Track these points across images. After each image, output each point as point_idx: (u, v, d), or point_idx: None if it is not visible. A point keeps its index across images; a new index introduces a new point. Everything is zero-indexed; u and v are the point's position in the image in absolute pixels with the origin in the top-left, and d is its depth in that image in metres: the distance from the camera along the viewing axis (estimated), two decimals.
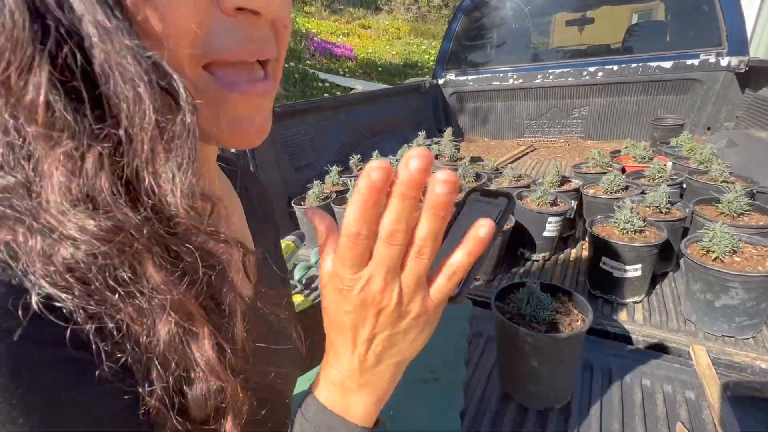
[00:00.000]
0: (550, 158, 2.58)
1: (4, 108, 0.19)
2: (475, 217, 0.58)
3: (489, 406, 0.77)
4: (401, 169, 0.22)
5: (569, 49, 2.94)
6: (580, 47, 2.91)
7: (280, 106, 1.72)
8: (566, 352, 0.69)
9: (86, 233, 0.20)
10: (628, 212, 1.01)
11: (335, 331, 0.29)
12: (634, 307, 1.04)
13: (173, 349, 0.24)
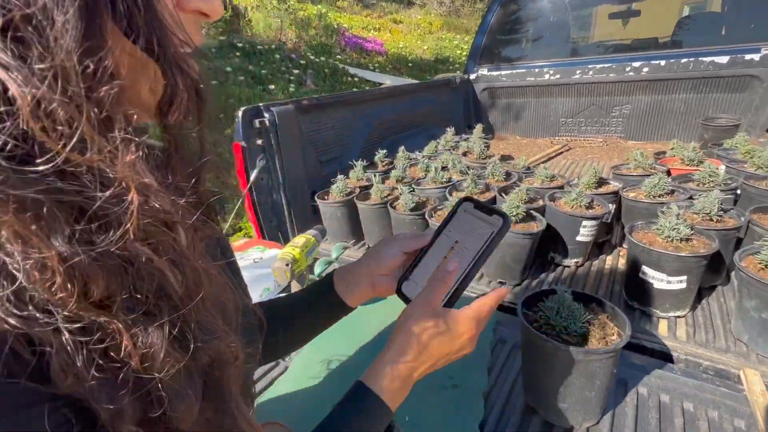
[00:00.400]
0: (586, 158, 2.45)
1: None
2: (466, 231, 0.54)
3: (511, 419, 0.73)
4: None
5: (612, 43, 2.77)
6: (623, 41, 2.74)
7: (307, 99, 1.71)
8: (600, 368, 0.64)
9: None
10: (674, 219, 0.92)
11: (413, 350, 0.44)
12: (676, 322, 0.96)
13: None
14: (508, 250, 1.10)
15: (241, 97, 5.04)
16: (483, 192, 1.39)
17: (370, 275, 0.55)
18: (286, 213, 1.60)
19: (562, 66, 2.74)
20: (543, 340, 0.65)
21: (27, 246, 0.19)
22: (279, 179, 1.57)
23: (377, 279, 0.55)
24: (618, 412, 0.73)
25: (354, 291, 0.56)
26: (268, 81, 5.86)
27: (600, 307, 0.74)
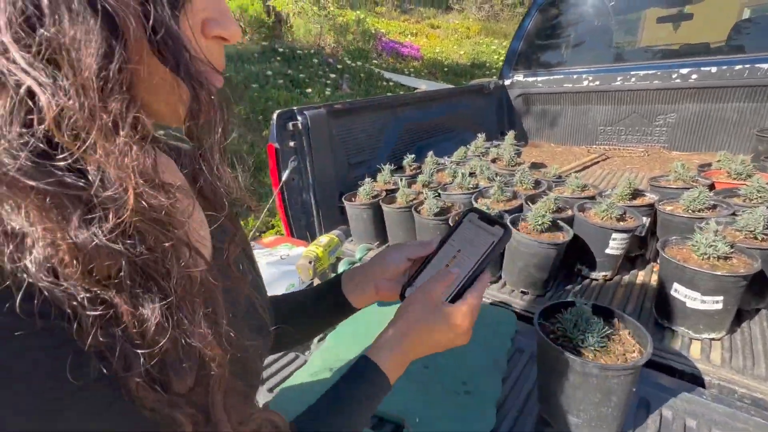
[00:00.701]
0: (624, 169, 2.35)
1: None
2: (469, 240, 0.56)
3: (523, 430, 0.72)
4: None
5: (658, 48, 2.64)
6: (671, 46, 2.60)
7: (340, 103, 1.76)
8: (617, 385, 0.62)
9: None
10: (712, 235, 0.87)
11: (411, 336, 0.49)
12: (711, 344, 0.90)
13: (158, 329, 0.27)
14: (532, 260, 1.09)
15: (279, 100, 5.22)
16: (510, 200, 1.37)
17: (375, 279, 0.58)
18: (315, 213, 1.65)
19: (602, 72, 2.64)
20: (558, 352, 0.64)
21: (42, 228, 0.23)
22: (309, 180, 1.62)
23: (381, 283, 0.58)
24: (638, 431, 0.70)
25: (359, 293, 0.59)
26: (305, 85, 6.04)
27: (622, 322, 0.72)
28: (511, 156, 1.83)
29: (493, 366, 0.85)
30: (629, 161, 2.50)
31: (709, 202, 1.14)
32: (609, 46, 2.74)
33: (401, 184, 1.49)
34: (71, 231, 0.24)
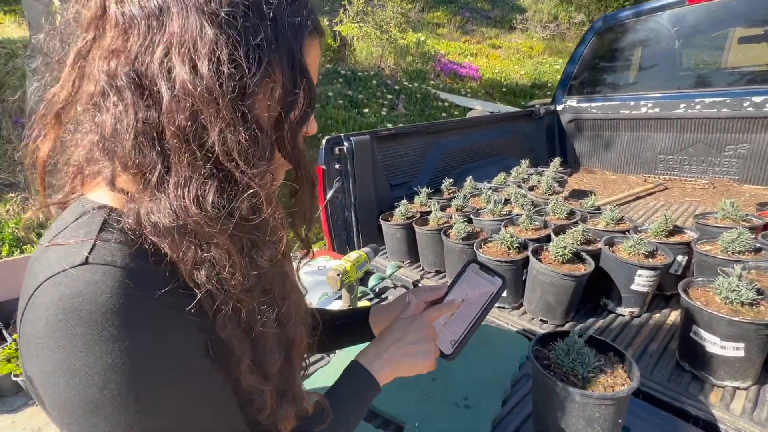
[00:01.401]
0: (683, 201, 2.21)
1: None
2: (471, 288, 0.67)
3: None
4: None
5: (727, 73, 2.46)
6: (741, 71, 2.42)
7: (383, 130, 1.91)
8: (599, 414, 0.66)
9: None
10: (736, 279, 0.86)
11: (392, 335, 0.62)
12: (735, 393, 0.87)
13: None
14: (550, 289, 1.12)
15: (338, 120, 5.57)
16: (539, 229, 1.40)
17: (394, 316, 0.69)
18: (355, 229, 1.80)
19: (663, 99, 2.52)
20: (544, 377, 0.69)
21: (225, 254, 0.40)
22: (351, 199, 1.78)
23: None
24: None
25: (381, 324, 0.73)
26: (363, 105, 6.36)
27: (618, 357, 0.74)
28: (550, 184, 1.84)
29: (496, 386, 0.90)
30: (690, 193, 2.34)
31: (752, 244, 1.08)
32: (671, 71, 2.61)
33: (434, 207, 1.59)
34: (240, 258, 0.41)
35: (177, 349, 0.39)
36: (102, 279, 0.35)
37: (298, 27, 0.41)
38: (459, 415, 0.83)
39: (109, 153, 0.39)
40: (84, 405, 0.35)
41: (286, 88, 0.41)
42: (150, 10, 0.37)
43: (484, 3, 16.43)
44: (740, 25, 2.44)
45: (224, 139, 0.38)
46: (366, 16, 8.78)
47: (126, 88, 0.37)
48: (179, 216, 0.38)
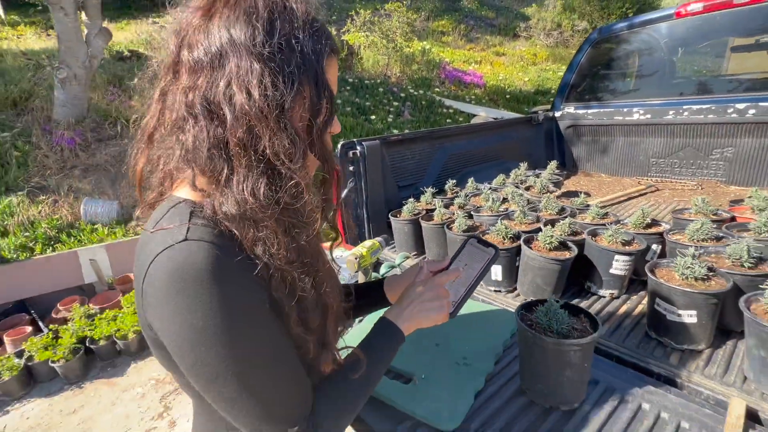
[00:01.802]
0: (672, 201, 2.36)
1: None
2: (471, 258, 0.84)
3: (503, 395, 0.94)
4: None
5: (713, 82, 2.62)
6: (725, 80, 2.58)
7: (393, 136, 2.10)
8: (569, 358, 0.83)
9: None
10: (690, 259, 1.03)
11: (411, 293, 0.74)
12: (691, 354, 1.03)
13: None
14: (539, 272, 1.29)
15: (346, 126, 5.79)
16: (532, 223, 1.57)
17: (407, 284, 0.82)
18: (366, 225, 1.98)
19: (653, 106, 2.69)
20: (526, 331, 0.86)
21: (274, 234, 0.52)
22: (363, 198, 1.97)
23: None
24: (597, 406, 0.88)
25: (394, 292, 0.87)
26: (370, 112, 6.58)
27: (588, 318, 0.91)
28: (544, 184, 2.01)
29: (490, 349, 1.08)
30: (680, 194, 2.49)
31: (714, 233, 1.25)
32: (661, 80, 2.78)
33: (439, 204, 1.76)
34: (285, 237, 0.53)
35: (253, 299, 0.51)
36: (197, 251, 0.48)
37: (319, 52, 0.53)
38: (458, 371, 1.00)
39: (190, 162, 0.53)
40: (191, 339, 0.48)
41: (313, 100, 0.53)
42: (212, 54, 0.50)
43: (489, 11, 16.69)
44: (723, 38, 2.61)
45: (273, 144, 0.50)
46: (372, 25, 9.03)
47: (200, 114, 0.50)
48: (240, 205, 0.50)
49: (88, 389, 2.59)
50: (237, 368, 0.50)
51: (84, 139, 4.58)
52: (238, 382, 0.50)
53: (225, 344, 0.49)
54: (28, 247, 3.28)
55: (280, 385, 0.54)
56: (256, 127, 0.50)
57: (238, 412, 0.52)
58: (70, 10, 4.33)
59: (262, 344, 0.53)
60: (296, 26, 0.52)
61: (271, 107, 0.49)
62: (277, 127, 0.50)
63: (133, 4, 13.98)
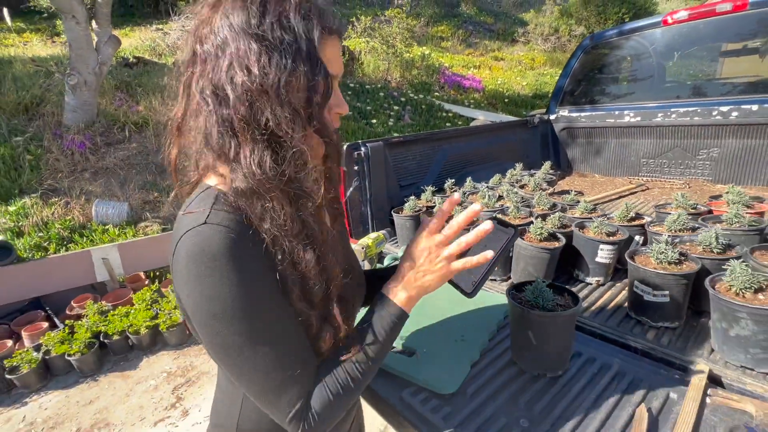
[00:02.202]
0: (660, 199, 2.48)
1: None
2: (489, 239, 0.91)
3: (495, 365, 1.05)
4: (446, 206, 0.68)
5: (698, 86, 2.75)
6: (710, 84, 2.71)
7: (395, 138, 2.22)
8: (552, 329, 0.94)
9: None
10: (663, 245, 1.14)
11: (408, 260, 0.67)
12: (665, 331, 1.15)
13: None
14: (530, 261, 1.40)
15: (347, 130, 5.93)
16: (525, 217, 1.69)
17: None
18: (370, 221, 2.10)
19: (643, 109, 2.82)
20: (515, 306, 0.98)
21: (279, 205, 0.55)
22: (367, 196, 2.09)
23: None
24: (579, 374, 0.99)
25: None
26: (371, 116, 6.72)
27: (570, 295, 1.03)
28: (537, 183, 2.13)
29: (486, 328, 1.19)
30: (669, 192, 2.61)
31: (690, 224, 1.37)
32: (649, 84, 2.91)
33: (438, 202, 1.88)
34: (290, 208, 0.56)
35: (263, 278, 0.56)
36: (215, 233, 0.53)
37: (310, 31, 0.55)
38: (456, 346, 1.12)
39: (207, 145, 0.56)
40: (206, 312, 0.53)
41: (308, 77, 0.54)
42: (217, 43, 0.54)
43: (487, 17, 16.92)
44: (708, 44, 2.74)
45: (275, 116, 0.53)
46: (373, 31, 9.21)
47: (209, 97, 0.54)
48: (249, 179, 0.54)
49: (102, 382, 2.70)
50: (245, 342, 0.55)
51: (94, 143, 4.72)
52: (246, 355, 0.55)
53: (234, 319, 0.53)
54: (42, 247, 3.40)
55: (284, 362, 0.57)
56: (257, 101, 0.53)
57: (247, 383, 0.58)
58: (81, 19, 4.48)
59: (269, 322, 0.56)
60: (287, 8, 0.55)
61: (270, 82, 0.52)
62: (277, 100, 0.53)
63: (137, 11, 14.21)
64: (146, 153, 4.89)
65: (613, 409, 0.88)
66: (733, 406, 0.85)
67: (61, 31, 10.71)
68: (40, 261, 3.18)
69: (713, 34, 2.61)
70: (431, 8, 15.13)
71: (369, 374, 0.64)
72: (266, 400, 0.58)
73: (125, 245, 3.41)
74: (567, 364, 1.01)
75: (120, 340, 2.88)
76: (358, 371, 0.62)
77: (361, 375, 0.62)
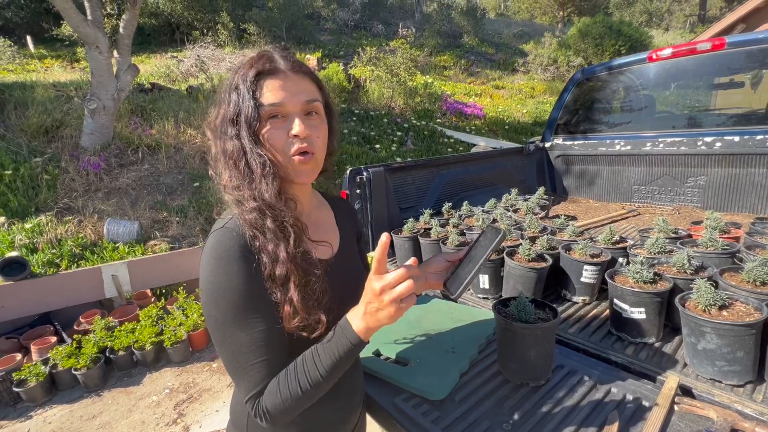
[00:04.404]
0: (650, 224, 2.57)
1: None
2: (482, 244, 1.01)
3: (483, 375, 1.13)
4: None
5: (684, 117, 2.90)
6: (695, 116, 2.86)
7: (396, 163, 2.37)
8: (533, 340, 1.03)
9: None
10: (638, 266, 1.24)
11: (366, 294, 0.67)
12: (643, 346, 1.23)
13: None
14: (519, 280, 1.50)
15: (351, 154, 6.13)
16: (516, 239, 1.80)
17: (425, 273, 0.88)
18: (371, 242, 2.21)
19: (632, 138, 2.96)
20: (500, 318, 1.07)
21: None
22: (369, 218, 2.20)
23: (430, 276, 0.88)
24: (560, 385, 1.07)
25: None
26: (375, 141, 6.95)
27: (550, 310, 1.12)
28: (530, 207, 2.24)
29: (475, 341, 1.28)
30: (658, 218, 2.71)
31: (668, 247, 1.47)
32: (638, 115, 3.07)
33: (435, 224, 2.00)
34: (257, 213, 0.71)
35: (255, 276, 0.69)
36: (226, 237, 0.70)
37: (245, 79, 0.72)
38: (447, 357, 1.20)
39: (216, 174, 0.77)
40: (206, 291, 0.69)
41: (238, 107, 0.72)
42: (225, 92, 0.75)
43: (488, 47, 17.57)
44: (690, 79, 2.92)
45: (223, 145, 0.73)
46: (378, 61, 9.61)
47: (216, 136, 0.76)
48: (228, 191, 0.73)
49: (106, 397, 2.75)
50: (225, 322, 0.69)
51: (108, 163, 4.92)
52: (224, 333, 0.69)
53: (222, 300, 0.68)
54: (54, 263, 3.52)
55: (251, 349, 0.69)
56: (217, 138, 0.75)
57: (223, 359, 0.71)
58: (104, 49, 4.78)
59: (247, 311, 0.69)
60: (244, 67, 0.75)
61: (218, 124, 0.75)
62: (221, 135, 0.74)
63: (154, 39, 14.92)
64: (158, 174, 5.08)
65: (588, 415, 0.96)
66: (697, 413, 0.92)
67: (81, 57, 11.26)
68: (52, 277, 3.29)
69: (695, 70, 2.78)
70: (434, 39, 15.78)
71: (319, 388, 0.68)
72: (234, 378, 0.71)
73: (134, 263, 3.53)
74: (549, 374, 1.09)
75: (125, 355, 2.95)
76: (308, 384, 0.67)
77: (311, 387, 0.67)
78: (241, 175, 0.72)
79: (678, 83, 2.91)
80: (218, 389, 2.79)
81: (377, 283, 0.64)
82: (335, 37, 16.62)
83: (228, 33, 13.84)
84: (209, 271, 0.69)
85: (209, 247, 0.71)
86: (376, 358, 1.25)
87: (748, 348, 0.99)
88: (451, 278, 0.85)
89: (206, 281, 0.69)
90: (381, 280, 0.64)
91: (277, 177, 0.74)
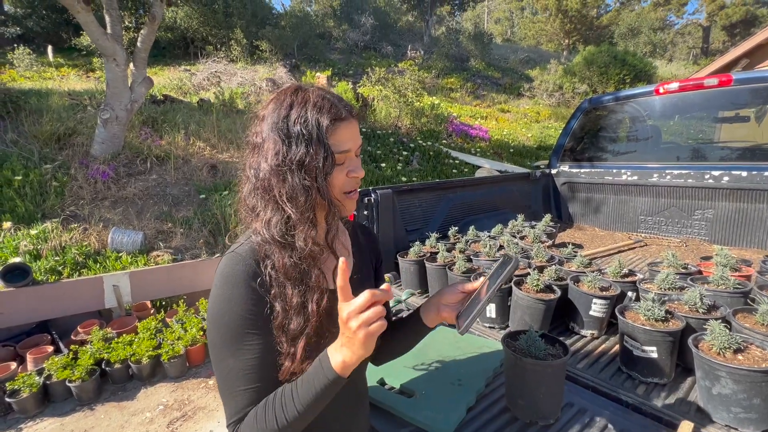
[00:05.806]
0: (657, 256, 2.56)
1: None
2: (492, 274, 0.98)
3: (491, 411, 1.10)
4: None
5: (692, 150, 2.92)
6: (703, 149, 2.87)
7: (403, 185, 2.38)
8: (543, 377, 1.01)
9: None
10: (650, 303, 1.22)
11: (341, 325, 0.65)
12: (655, 386, 1.20)
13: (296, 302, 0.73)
14: (527, 311, 1.48)
15: None
16: (524, 268, 1.78)
17: (438, 305, 0.87)
18: None
19: (639, 169, 2.97)
20: (509, 352, 1.05)
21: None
22: None
23: (443, 308, 0.86)
24: (571, 425, 1.04)
25: (428, 314, 0.89)
26: (381, 160, 7.00)
27: (561, 346, 1.10)
28: (537, 235, 2.24)
29: (482, 373, 1.25)
30: (666, 250, 2.68)
31: (678, 283, 1.45)
32: (645, 146, 3.09)
33: (442, 248, 1.99)
34: (285, 256, 0.71)
35: (257, 305, 0.70)
36: (234, 262, 0.72)
37: (321, 122, 0.71)
38: (453, 389, 1.17)
39: (246, 205, 0.77)
40: (209, 311, 0.72)
41: (315, 157, 0.70)
42: (262, 137, 0.74)
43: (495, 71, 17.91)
44: (697, 113, 2.95)
45: (279, 192, 0.71)
46: (386, 81, 9.79)
47: (251, 175, 0.75)
48: (262, 231, 0.72)
49: (99, 411, 2.69)
50: (220, 344, 0.70)
51: (117, 172, 4.97)
52: (218, 356, 0.70)
53: (219, 324, 0.70)
54: (56, 271, 3.51)
55: (239, 376, 0.69)
56: (273, 179, 0.72)
57: (217, 382, 0.72)
58: (121, 62, 4.90)
59: (240, 339, 0.69)
60: (306, 106, 0.72)
61: (280, 167, 0.71)
62: (284, 180, 0.71)
63: (168, 52, 15.30)
64: (165, 185, 5.12)
65: None
66: None
67: (96, 67, 11.54)
68: (53, 285, 3.28)
69: (702, 104, 2.81)
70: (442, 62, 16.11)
71: (297, 422, 0.67)
72: (222, 400, 0.72)
73: (136, 273, 3.51)
74: (558, 413, 1.06)
75: (121, 368, 2.90)
76: (285, 418, 0.66)
77: (287, 422, 0.66)
78: (303, 218, 0.72)
79: (686, 116, 2.94)
80: (213, 408, 2.73)
81: (344, 311, 0.63)
82: (345, 57, 17.01)
83: (241, 49, 14.20)
84: (214, 292, 0.72)
85: (219, 269, 0.73)
86: (381, 387, 1.22)
87: (765, 395, 0.97)
88: (463, 312, 0.82)
89: (211, 301, 0.72)
90: (347, 307, 0.63)
91: (336, 218, 0.77)
